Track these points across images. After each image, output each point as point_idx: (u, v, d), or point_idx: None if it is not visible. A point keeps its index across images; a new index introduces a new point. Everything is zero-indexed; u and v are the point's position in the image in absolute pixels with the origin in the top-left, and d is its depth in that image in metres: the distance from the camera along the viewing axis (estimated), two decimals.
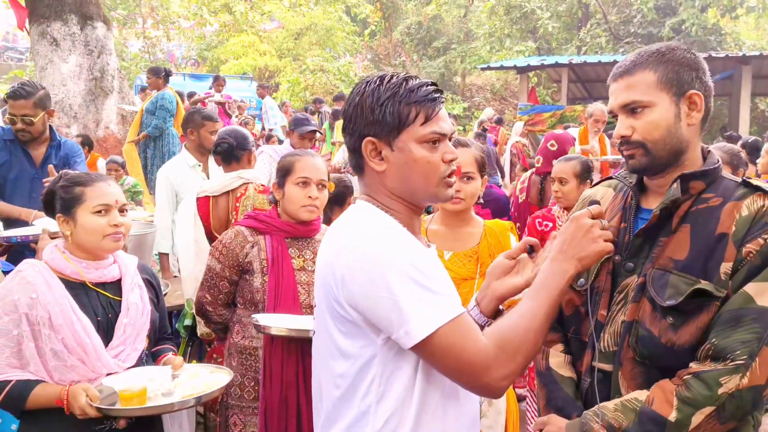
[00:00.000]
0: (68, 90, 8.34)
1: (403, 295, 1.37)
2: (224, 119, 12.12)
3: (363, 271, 1.41)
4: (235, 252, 2.79)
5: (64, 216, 2.24)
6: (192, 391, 2.16)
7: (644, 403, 1.54)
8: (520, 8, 20.25)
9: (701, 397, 1.49)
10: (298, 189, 2.77)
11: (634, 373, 1.63)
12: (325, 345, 1.55)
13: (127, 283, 2.32)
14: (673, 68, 1.63)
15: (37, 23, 8.29)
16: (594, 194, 1.92)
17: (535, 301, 1.46)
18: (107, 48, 8.68)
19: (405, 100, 1.49)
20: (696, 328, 1.55)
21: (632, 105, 1.64)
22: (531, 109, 14.48)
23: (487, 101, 21.69)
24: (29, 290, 2.11)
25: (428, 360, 1.43)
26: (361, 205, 1.57)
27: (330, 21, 21.64)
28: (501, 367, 1.38)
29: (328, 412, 1.56)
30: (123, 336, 2.24)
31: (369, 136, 1.51)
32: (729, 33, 19.60)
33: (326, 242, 1.57)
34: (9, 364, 2.09)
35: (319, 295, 1.57)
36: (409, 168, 1.51)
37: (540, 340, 1.45)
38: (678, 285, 1.56)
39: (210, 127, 4.52)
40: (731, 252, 1.54)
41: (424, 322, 1.37)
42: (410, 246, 1.46)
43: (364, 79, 1.58)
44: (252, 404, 2.76)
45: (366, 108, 1.50)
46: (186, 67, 23.16)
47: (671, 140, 1.63)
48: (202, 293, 2.87)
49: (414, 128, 1.49)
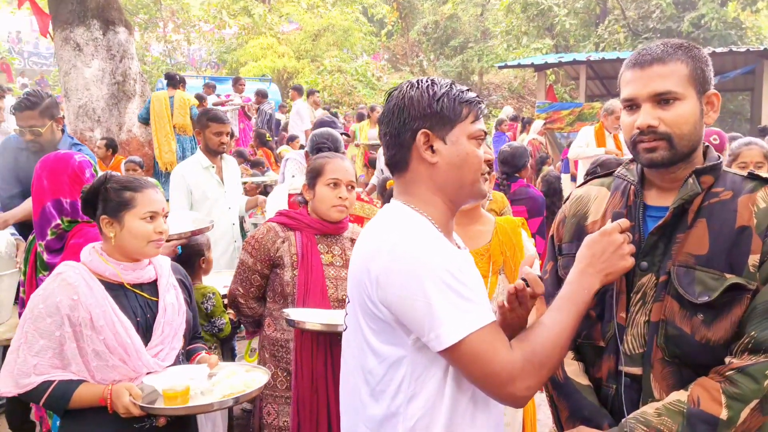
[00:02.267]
0: (91, 94, 8.44)
1: (437, 300, 1.40)
2: (244, 121, 12.19)
3: (399, 273, 1.44)
4: (267, 246, 2.89)
5: (109, 218, 2.27)
6: (230, 390, 2.20)
7: (689, 404, 1.51)
8: (537, 5, 20.12)
9: (749, 392, 1.48)
10: (328, 190, 2.89)
11: (665, 374, 1.61)
12: (357, 341, 1.58)
13: (163, 284, 2.37)
14: (699, 65, 1.62)
15: (61, 29, 8.39)
16: (586, 194, 1.87)
17: (562, 313, 1.48)
18: (129, 52, 8.78)
19: (458, 98, 1.56)
20: (730, 322, 1.54)
21: (666, 95, 1.59)
22: (549, 107, 14.40)
23: (504, 99, 21.60)
24: (71, 292, 2.15)
25: (456, 365, 1.45)
26: (397, 206, 1.59)
27: (347, 22, 21.68)
28: (526, 378, 1.41)
29: (357, 407, 1.59)
30: (161, 336, 2.29)
31: (424, 128, 1.54)
32: (750, 27, 19.34)
33: (361, 242, 1.60)
34: (52, 364, 2.14)
35: (352, 293, 1.61)
36: (461, 161, 1.55)
37: (564, 353, 1.47)
38: (705, 281, 1.55)
39: (215, 128, 4.46)
40: (757, 244, 1.53)
41: (455, 327, 1.39)
42: (445, 251, 1.48)
43: (407, 81, 1.62)
44: (284, 394, 2.87)
45: (422, 102, 1.55)
46: (206, 69, 23.33)
47: (694, 136, 1.62)
48: (234, 286, 2.97)
49: (466, 124, 1.56)
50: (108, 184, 2.30)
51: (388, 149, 1.61)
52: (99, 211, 2.30)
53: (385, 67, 23.42)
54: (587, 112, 13.61)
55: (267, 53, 20.13)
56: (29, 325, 2.14)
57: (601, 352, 1.72)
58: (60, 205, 2.80)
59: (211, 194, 4.50)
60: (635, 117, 1.63)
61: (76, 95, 8.42)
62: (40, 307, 2.14)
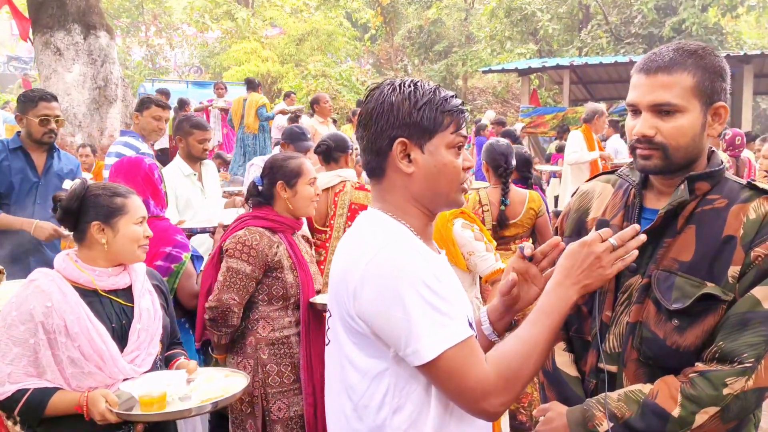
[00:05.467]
0: (72, 99, 8.37)
1: (414, 315, 1.37)
2: (227, 126, 12.12)
3: (374, 287, 1.41)
4: (264, 252, 2.91)
5: (102, 224, 2.26)
6: (209, 395, 2.18)
7: (648, 396, 1.55)
8: (520, 10, 20.27)
9: (706, 396, 1.49)
10: (309, 188, 3.06)
11: (638, 374, 1.63)
12: (337, 356, 1.55)
13: (138, 289, 2.35)
14: (709, 77, 1.59)
15: (41, 33, 8.32)
16: (591, 189, 1.89)
17: (537, 327, 1.47)
18: (110, 57, 8.72)
19: (440, 107, 1.50)
20: (702, 330, 1.55)
21: (665, 107, 1.58)
22: (533, 111, 14.51)
23: (489, 104, 21.69)
24: (44, 299, 2.13)
25: (431, 380, 1.43)
26: (374, 214, 1.55)
27: (331, 26, 21.65)
28: (501, 394, 1.40)
29: (341, 423, 1.56)
30: (137, 341, 2.27)
31: (401, 137, 1.49)
32: (730, 32, 19.60)
33: (339, 252, 1.57)
34: (26, 372, 2.11)
35: (332, 305, 1.57)
36: (438, 172, 1.51)
37: (539, 366, 1.46)
38: (684, 287, 1.56)
39: (198, 135, 4.38)
40: (739, 255, 1.53)
41: (431, 343, 1.37)
42: (423, 261, 1.44)
43: (385, 82, 1.56)
44: (293, 386, 2.96)
45: (403, 109, 1.48)
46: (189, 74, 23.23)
47: (693, 148, 1.61)
48: (228, 296, 2.88)
49: (446, 134, 1.50)
50: (94, 192, 2.29)
51: (365, 154, 1.56)
52: (88, 217, 2.27)
53: (369, 72, 23.43)
54: (570, 116, 13.72)
55: (251, 57, 20.07)
56: (2, 333, 2.11)
57: (587, 347, 1.74)
58: None
59: (195, 203, 4.42)
60: (636, 122, 1.63)
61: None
62: (13, 315, 2.12)
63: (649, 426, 1.52)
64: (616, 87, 17.34)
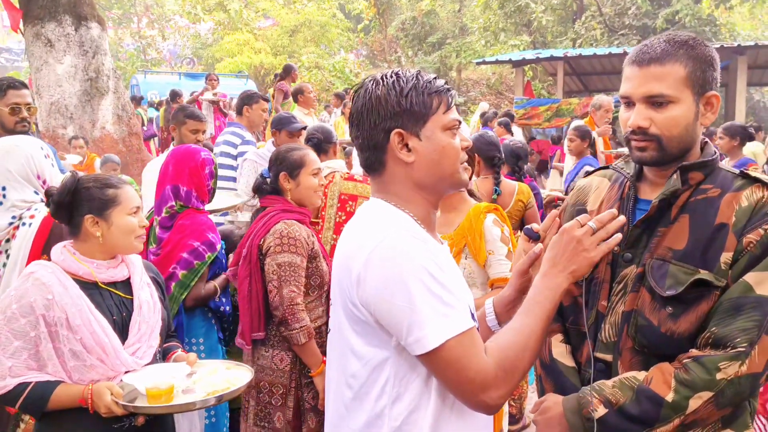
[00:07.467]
0: (64, 91, 8.31)
1: (417, 303, 1.38)
2: (220, 117, 12.07)
3: (378, 274, 1.41)
4: (307, 242, 2.94)
5: (95, 217, 2.24)
6: (212, 388, 2.17)
7: (642, 382, 1.56)
8: (514, 2, 20.20)
9: (700, 381, 1.50)
10: (313, 178, 3.07)
11: (633, 363, 1.64)
12: (339, 344, 1.56)
13: (137, 282, 2.34)
14: (701, 66, 1.60)
15: (32, 24, 8.24)
16: (589, 184, 1.91)
17: (529, 316, 1.48)
18: (102, 48, 8.64)
19: (426, 90, 1.51)
20: (696, 317, 1.56)
21: (658, 98, 1.59)
22: (527, 103, 14.48)
23: (483, 95, 21.66)
24: (45, 291, 2.11)
25: (432, 370, 1.43)
26: (377, 204, 1.56)
27: (324, 17, 21.61)
28: (500, 386, 1.41)
29: (340, 412, 1.56)
30: (138, 334, 2.25)
31: (397, 129, 1.50)
32: (724, 23, 19.61)
33: (342, 241, 1.57)
34: (27, 366, 2.09)
35: (334, 293, 1.58)
36: (438, 155, 1.52)
37: (535, 356, 1.47)
38: (677, 275, 1.57)
39: (192, 125, 4.42)
40: (731, 242, 1.55)
41: (433, 332, 1.37)
42: (426, 251, 1.44)
43: (369, 78, 1.57)
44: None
45: (390, 100, 1.49)
46: (181, 66, 23.10)
47: (686, 138, 1.63)
48: (288, 290, 2.83)
49: (438, 116, 1.52)
50: (85, 185, 2.26)
51: (362, 152, 1.57)
52: (81, 211, 2.24)
53: (363, 64, 23.37)
54: (564, 108, 13.70)
55: (243, 49, 20.02)
56: (2, 326, 2.09)
57: (583, 338, 1.75)
58: (177, 190, 3.21)
59: None
60: (630, 114, 1.65)
61: (48, 92, 8.28)
62: (14, 308, 2.09)
63: (644, 411, 1.54)
64: (611, 78, 17.34)
